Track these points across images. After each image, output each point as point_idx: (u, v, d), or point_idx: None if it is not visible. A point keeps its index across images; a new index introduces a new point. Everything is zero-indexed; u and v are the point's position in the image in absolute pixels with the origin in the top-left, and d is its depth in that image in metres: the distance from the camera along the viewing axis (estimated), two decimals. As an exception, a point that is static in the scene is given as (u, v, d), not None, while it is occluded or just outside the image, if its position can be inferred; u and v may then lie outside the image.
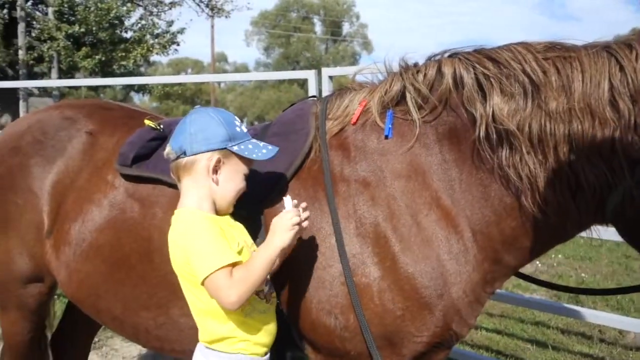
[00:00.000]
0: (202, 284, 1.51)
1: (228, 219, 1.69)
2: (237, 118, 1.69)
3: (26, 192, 2.17)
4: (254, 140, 1.68)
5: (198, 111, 1.64)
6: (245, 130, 1.68)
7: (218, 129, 1.60)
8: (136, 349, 4.22)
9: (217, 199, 1.64)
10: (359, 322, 1.63)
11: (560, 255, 6.90)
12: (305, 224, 1.60)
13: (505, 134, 1.61)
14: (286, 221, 1.54)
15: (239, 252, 1.57)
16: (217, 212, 1.65)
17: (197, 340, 1.94)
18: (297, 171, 1.82)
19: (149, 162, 2.01)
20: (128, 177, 2.03)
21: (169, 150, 1.65)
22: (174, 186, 1.94)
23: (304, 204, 1.64)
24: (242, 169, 1.66)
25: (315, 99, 2.11)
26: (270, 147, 1.68)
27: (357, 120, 1.85)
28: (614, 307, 5.03)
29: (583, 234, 1.79)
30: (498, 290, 3.52)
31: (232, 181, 1.64)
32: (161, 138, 2.07)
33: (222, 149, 1.60)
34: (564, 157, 1.56)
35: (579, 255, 7.00)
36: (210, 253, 1.51)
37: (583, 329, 4.57)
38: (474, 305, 1.73)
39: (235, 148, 1.61)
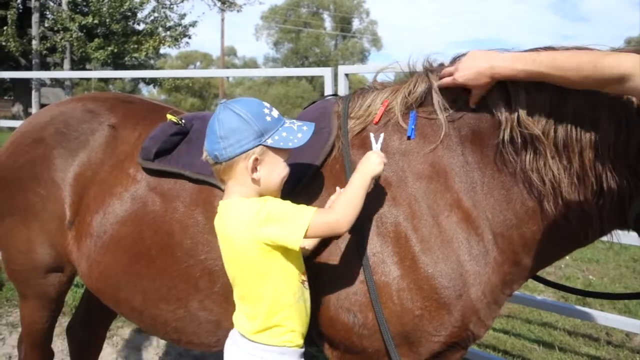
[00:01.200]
0: (306, 236, 1.52)
1: None
2: (266, 104, 1.63)
3: (49, 183, 2.19)
4: (287, 124, 1.63)
5: (224, 110, 1.59)
6: (276, 115, 1.62)
7: (247, 128, 1.55)
8: (147, 339, 4.27)
9: (262, 192, 1.63)
10: (377, 320, 1.65)
11: (567, 257, 6.88)
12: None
13: (530, 139, 1.62)
14: (377, 158, 1.65)
15: None
16: None
17: (214, 334, 1.98)
18: (319, 169, 1.84)
19: (171, 157, 2.03)
20: (150, 171, 2.05)
21: (205, 154, 1.64)
22: (195, 181, 1.97)
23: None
24: (282, 156, 1.63)
25: (336, 97, 2.12)
26: (305, 127, 1.64)
27: (379, 119, 1.86)
28: (622, 309, 5.02)
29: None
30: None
31: (273, 172, 1.61)
32: (183, 133, 2.09)
33: (255, 146, 1.57)
34: (589, 162, 1.57)
35: (587, 257, 6.98)
36: (295, 208, 1.56)
37: (590, 331, 4.57)
38: (492, 307, 1.75)
39: (269, 142, 1.57)
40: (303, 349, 1.70)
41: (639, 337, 4.44)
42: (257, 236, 1.54)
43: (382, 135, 1.74)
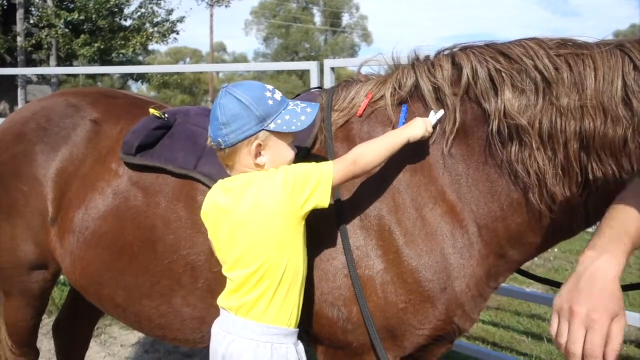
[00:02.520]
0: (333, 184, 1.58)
1: None
2: (268, 87, 1.61)
3: (31, 179, 2.17)
4: (291, 106, 1.61)
5: (226, 95, 1.57)
6: (279, 97, 1.60)
7: (249, 113, 1.54)
8: (135, 337, 4.25)
9: None
10: (362, 314, 1.64)
11: (556, 249, 6.93)
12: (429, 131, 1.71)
13: (515, 130, 1.61)
14: (428, 123, 1.69)
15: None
16: None
17: (199, 330, 1.96)
18: (302, 161, 1.82)
19: (153, 151, 2.01)
20: (132, 166, 2.03)
21: (209, 140, 1.63)
22: (177, 175, 1.95)
23: None
24: (287, 140, 1.62)
25: (320, 90, 2.10)
26: (309, 108, 1.62)
27: (363, 112, 1.84)
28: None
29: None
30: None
31: (278, 156, 1.61)
32: (166, 127, 2.06)
33: (257, 132, 1.56)
34: (573, 154, 1.56)
35: (575, 249, 7.02)
36: (314, 168, 1.58)
37: (578, 323, 4.60)
38: (478, 300, 1.74)
39: (271, 126, 1.56)
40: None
41: (626, 328, 4.47)
42: (293, 206, 1.54)
43: (440, 111, 1.74)
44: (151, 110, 2.08)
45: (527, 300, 4.12)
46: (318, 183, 1.56)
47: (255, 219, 1.55)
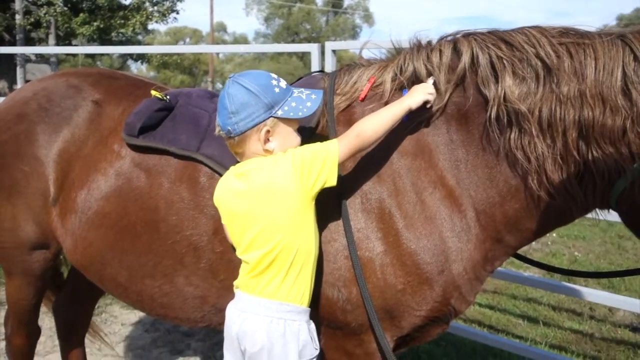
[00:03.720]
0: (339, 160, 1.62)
1: None
2: (273, 76, 1.67)
3: (32, 160, 2.17)
4: (296, 94, 1.67)
5: (233, 84, 1.62)
6: (284, 85, 1.66)
7: (257, 101, 1.59)
8: (135, 316, 4.29)
9: None
10: (361, 295, 1.67)
11: (554, 234, 6.97)
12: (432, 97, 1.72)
13: (515, 116, 1.62)
14: (427, 87, 1.71)
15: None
16: None
17: (200, 309, 1.98)
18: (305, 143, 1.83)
19: (155, 133, 2.01)
20: (135, 147, 2.04)
21: (218, 129, 1.67)
22: (180, 157, 1.96)
23: None
24: (293, 126, 1.67)
25: (322, 73, 2.10)
26: (314, 95, 1.68)
27: (365, 96, 1.85)
28: (605, 285, 5.11)
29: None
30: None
31: (286, 141, 1.66)
32: (168, 109, 2.07)
33: (266, 119, 1.60)
34: (572, 142, 1.57)
35: (573, 234, 7.07)
36: (319, 148, 1.62)
37: (574, 306, 4.66)
38: (474, 283, 1.77)
39: (279, 113, 1.61)
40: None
41: (622, 312, 4.52)
42: (304, 186, 1.59)
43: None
44: (153, 92, 2.08)
45: (524, 284, 4.15)
46: (325, 161, 1.60)
47: (270, 200, 1.60)
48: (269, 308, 1.63)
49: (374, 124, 1.65)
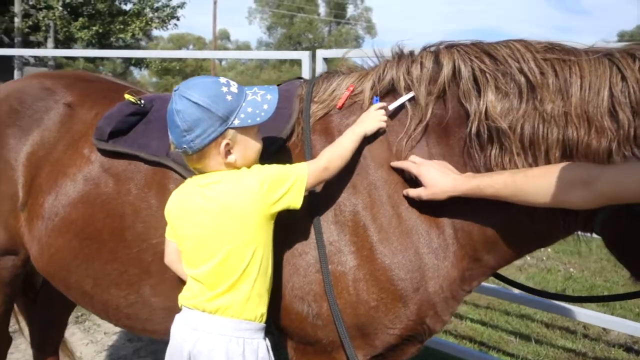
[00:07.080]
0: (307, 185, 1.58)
1: None
2: (222, 81, 1.56)
3: (2, 163, 2.11)
4: (250, 97, 1.57)
5: (181, 100, 1.50)
6: (236, 90, 1.56)
7: (210, 115, 1.49)
8: (118, 325, 4.21)
9: (241, 168, 1.59)
10: (331, 311, 1.60)
11: (549, 249, 6.89)
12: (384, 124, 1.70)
13: (496, 133, 1.55)
14: (378, 115, 1.68)
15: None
16: None
17: (169, 321, 1.90)
18: (277, 153, 1.76)
19: (127, 138, 1.95)
20: (104, 152, 1.97)
21: (173, 147, 1.60)
22: (150, 163, 1.90)
23: None
24: (252, 131, 1.58)
25: (301, 80, 2.04)
26: (269, 95, 1.58)
27: (343, 104, 1.79)
28: (599, 303, 5.02)
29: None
30: (485, 283, 3.50)
31: (248, 149, 1.58)
32: (141, 113, 2.01)
33: (223, 132, 1.51)
34: (555, 162, 1.49)
35: (569, 250, 6.98)
36: (288, 170, 1.57)
37: (567, 324, 4.57)
38: (450, 302, 1.69)
39: (236, 123, 1.52)
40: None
41: (616, 331, 4.43)
42: (266, 206, 1.53)
43: (411, 93, 1.70)
44: (126, 96, 2.02)
45: (517, 302, 4.06)
46: (293, 184, 1.55)
47: (227, 218, 1.53)
48: (225, 327, 1.55)
49: (340, 157, 1.62)
